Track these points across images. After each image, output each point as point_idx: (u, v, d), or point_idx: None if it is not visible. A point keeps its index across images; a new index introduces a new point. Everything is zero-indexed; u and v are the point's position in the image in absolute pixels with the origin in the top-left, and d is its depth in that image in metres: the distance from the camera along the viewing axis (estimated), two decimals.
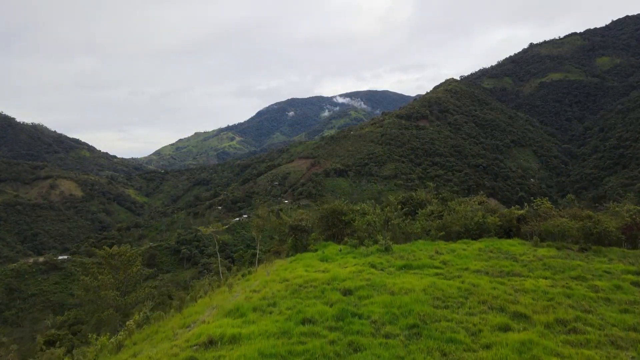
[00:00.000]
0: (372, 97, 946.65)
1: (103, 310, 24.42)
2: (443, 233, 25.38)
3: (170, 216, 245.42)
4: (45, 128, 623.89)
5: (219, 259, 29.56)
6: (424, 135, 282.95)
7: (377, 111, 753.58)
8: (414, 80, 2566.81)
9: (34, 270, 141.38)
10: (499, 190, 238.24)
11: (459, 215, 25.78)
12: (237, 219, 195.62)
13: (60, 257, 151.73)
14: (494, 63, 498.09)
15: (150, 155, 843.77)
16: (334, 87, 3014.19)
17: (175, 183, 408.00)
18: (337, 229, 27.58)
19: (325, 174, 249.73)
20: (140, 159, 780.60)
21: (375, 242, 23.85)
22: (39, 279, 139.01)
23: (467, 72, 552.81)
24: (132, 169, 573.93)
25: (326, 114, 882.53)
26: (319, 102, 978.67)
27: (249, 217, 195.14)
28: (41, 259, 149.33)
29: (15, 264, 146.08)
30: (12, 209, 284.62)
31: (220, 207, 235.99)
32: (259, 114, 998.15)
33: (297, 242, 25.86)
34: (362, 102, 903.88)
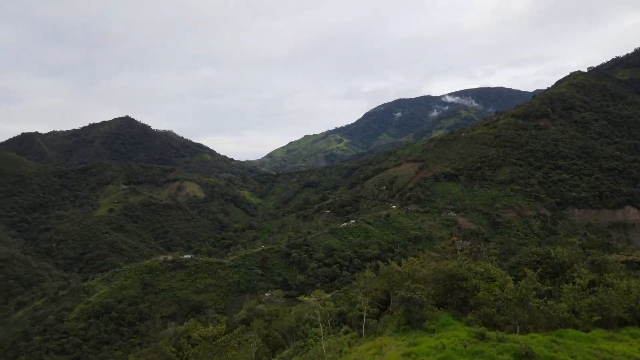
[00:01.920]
0: (484, 94, 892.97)
1: None
2: (599, 317, 20.08)
3: (281, 219, 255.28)
4: (174, 134, 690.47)
5: (322, 334, 26.52)
6: (544, 135, 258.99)
7: (490, 109, 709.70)
8: (531, 75, 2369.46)
9: (163, 267, 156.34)
10: (639, 197, 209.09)
11: (619, 293, 20.68)
12: (345, 224, 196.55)
13: (185, 256, 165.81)
14: (629, 51, 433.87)
15: (263, 157, 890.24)
16: (442, 86, 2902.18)
17: (286, 185, 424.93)
18: (457, 297, 23.93)
19: (435, 178, 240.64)
20: (254, 161, 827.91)
21: (508, 323, 20.15)
22: (168, 276, 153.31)
23: (596, 63, 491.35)
24: (247, 171, 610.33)
25: (434, 114, 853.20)
26: (426, 102, 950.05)
27: (356, 222, 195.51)
28: (169, 257, 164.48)
29: (148, 261, 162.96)
30: (147, 208, 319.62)
31: (328, 211, 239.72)
32: (366, 115, 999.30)
33: (410, 314, 22.84)
34: (473, 101, 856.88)
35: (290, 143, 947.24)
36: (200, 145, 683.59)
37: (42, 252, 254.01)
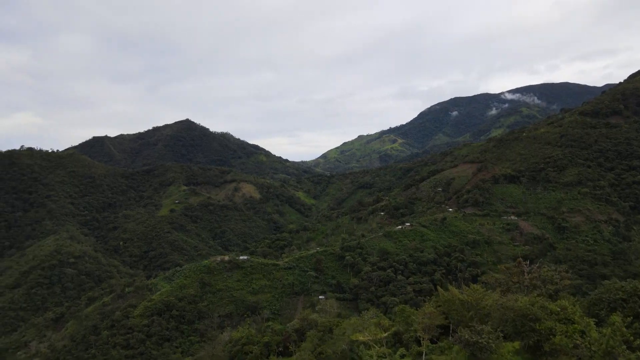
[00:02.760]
0: (547, 91, 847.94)
1: None
2: None
3: (335, 220, 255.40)
4: (231, 136, 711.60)
5: None
6: (616, 134, 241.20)
7: (554, 106, 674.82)
8: (600, 69, 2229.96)
9: (221, 267, 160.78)
10: None
11: None
12: (399, 227, 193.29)
13: (241, 257, 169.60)
14: None
15: (317, 158, 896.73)
16: (501, 82, 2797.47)
17: (340, 186, 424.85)
18: (529, 340, 21.07)
19: (494, 180, 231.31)
20: (309, 162, 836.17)
21: None
22: (225, 276, 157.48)
23: None
24: (301, 172, 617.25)
25: (493, 112, 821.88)
26: (484, 100, 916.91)
27: (411, 225, 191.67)
28: (226, 258, 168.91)
29: (206, 261, 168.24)
30: (205, 208, 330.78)
31: (382, 213, 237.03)
32: (421, 115, 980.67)
33: None
34: (536, 98, 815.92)
35: (345, 144, 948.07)
36: (256, 147, 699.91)
37: (110, 249, 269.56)
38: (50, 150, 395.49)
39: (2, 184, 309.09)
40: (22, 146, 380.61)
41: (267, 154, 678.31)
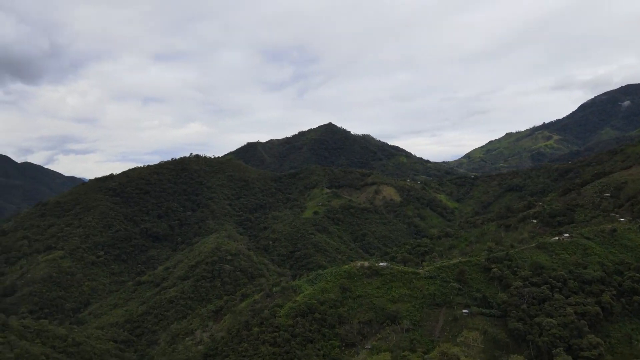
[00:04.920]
0: None
1: None
2: None
3: (480, 227, 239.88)
4: (372, 138, 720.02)
5: None
6: None
7: None
8: None
9: (360, 273, 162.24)
10: None
11: None
12: (556, 238, 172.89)
13: (380, 264, 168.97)
14: None
15: (460, 158, 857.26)
16: None
17: (485, 188, 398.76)
18: None
19: None
20: (451, 162, 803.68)
21: None
22: (365, 282, 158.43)
23: None
24: (443, 173, 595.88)
25: None
26: None
27: (571, 237, 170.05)
28: (366, 264, 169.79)
29: (346, 267, 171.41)
30: (347, 211, 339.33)
31: (535, 221, 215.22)
32: (582, 107, 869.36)
33: None
34: None
35: (490, 142, 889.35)
36: (396, 148, 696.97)
37: (261, 248, 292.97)
38: (212, 156, 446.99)
39: (176, 187, 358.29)
40: (191, 153, 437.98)
41: (408, 154, 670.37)
